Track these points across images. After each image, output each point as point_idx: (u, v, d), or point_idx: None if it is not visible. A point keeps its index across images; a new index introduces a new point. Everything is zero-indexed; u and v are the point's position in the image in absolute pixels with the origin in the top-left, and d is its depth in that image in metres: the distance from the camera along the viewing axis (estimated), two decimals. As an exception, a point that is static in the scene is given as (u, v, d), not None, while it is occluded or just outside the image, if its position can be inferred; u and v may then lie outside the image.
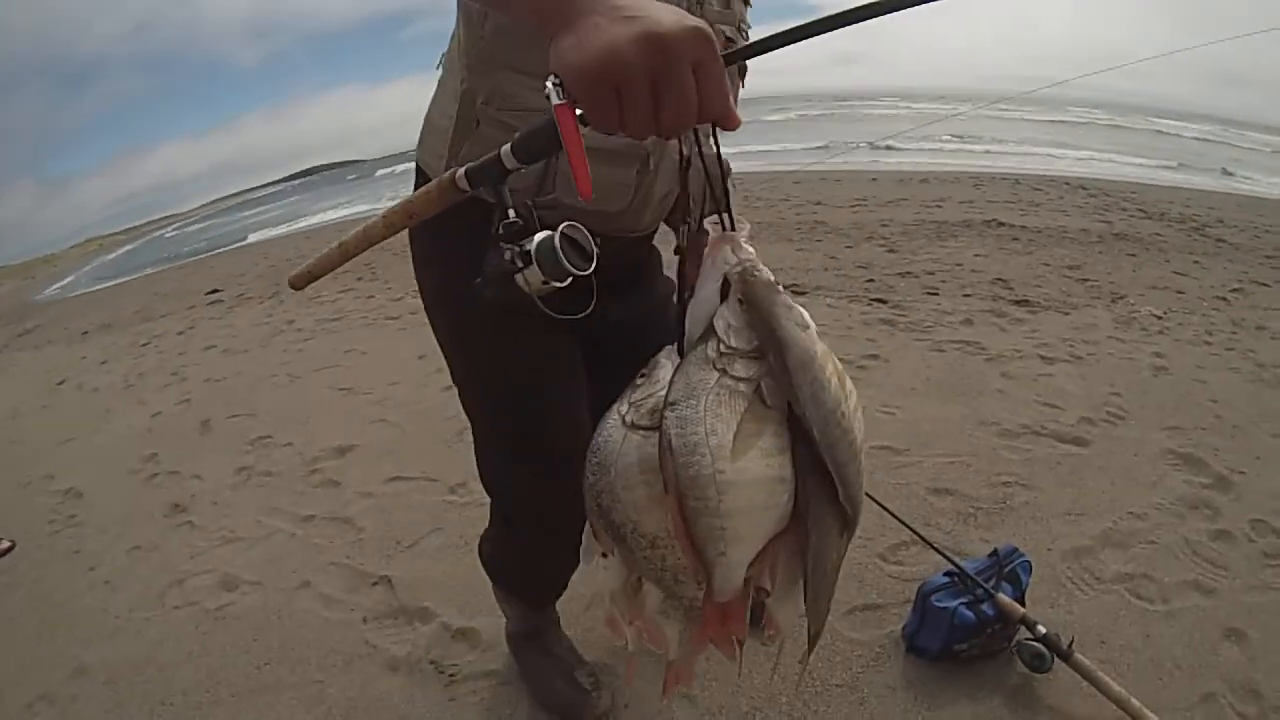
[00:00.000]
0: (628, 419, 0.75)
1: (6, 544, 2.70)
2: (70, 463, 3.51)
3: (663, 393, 0.71)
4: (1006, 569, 1.38)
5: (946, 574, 1.37)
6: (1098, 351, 2.78)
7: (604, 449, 0.75)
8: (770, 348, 0.67)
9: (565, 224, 0.71)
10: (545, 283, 0.71)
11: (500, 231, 0.69)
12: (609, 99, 0.49)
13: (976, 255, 4.09)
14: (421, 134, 0.99)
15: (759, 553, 0.71)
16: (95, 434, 3.91)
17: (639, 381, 0.77)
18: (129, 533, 2.65)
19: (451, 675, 1.66)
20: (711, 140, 0.74)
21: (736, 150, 10.67)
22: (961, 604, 1.30)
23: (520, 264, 0.70)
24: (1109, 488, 1.92)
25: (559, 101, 0.52)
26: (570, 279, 0.71)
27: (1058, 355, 2.73)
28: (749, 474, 0.67)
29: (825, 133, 14.44)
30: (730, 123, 0.54)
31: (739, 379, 0.68)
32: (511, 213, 0.69)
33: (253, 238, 14.91)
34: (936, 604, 1.32)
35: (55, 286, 18.24)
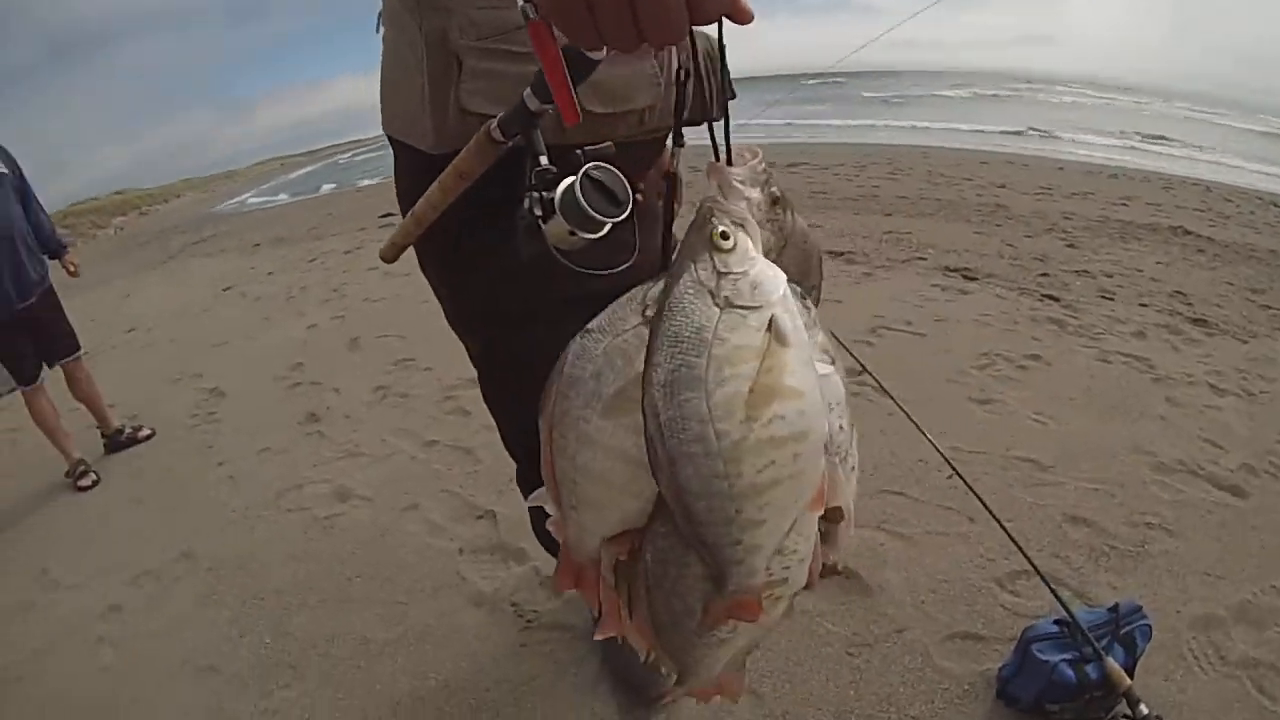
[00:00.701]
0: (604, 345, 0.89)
1: (147, 431, 4.11)
2: (221, 364, 5.01)
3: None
4: (1124, 630, 1.57)
5: (1057, 622, 1.63)
6: (1272, 390, 3.25)
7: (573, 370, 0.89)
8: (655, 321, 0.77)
9: (591, 165, 0.89)
10: (572, 233, 0.89)
11: (533, 180, 0.88)
12: (579, 12, 0.63)
13: (1158, 263, 5.03)
14: (383, 103, 1.23)
15: (616, 537, 0.90)
16: (250, 340, 5.47)
17: (611, 313, 0.91)
18: (262, 435, 3.79)
19: (529, 621, 2.20)
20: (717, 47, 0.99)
21: (922, 125, 13.90)
22: (1065, 660, 1.53)
23: (542, 214, 0.89)
24: (1259, 551, 2.22)
25: (533, 18, 0.68)
26: (603, 229, 0.89)
27: (1229, 387, 3.24)
28: (611, 440, 0.84)
29: (1009, 114, 18.62)
30: (742, 16, 0.66)
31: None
32: (544, 159, 0.88)
33: None
34: (1038, 654, 1.56)
35: (233, 201, 24.84)
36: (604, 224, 0.90)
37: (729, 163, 0.95)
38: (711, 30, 0.96)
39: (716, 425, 0.72)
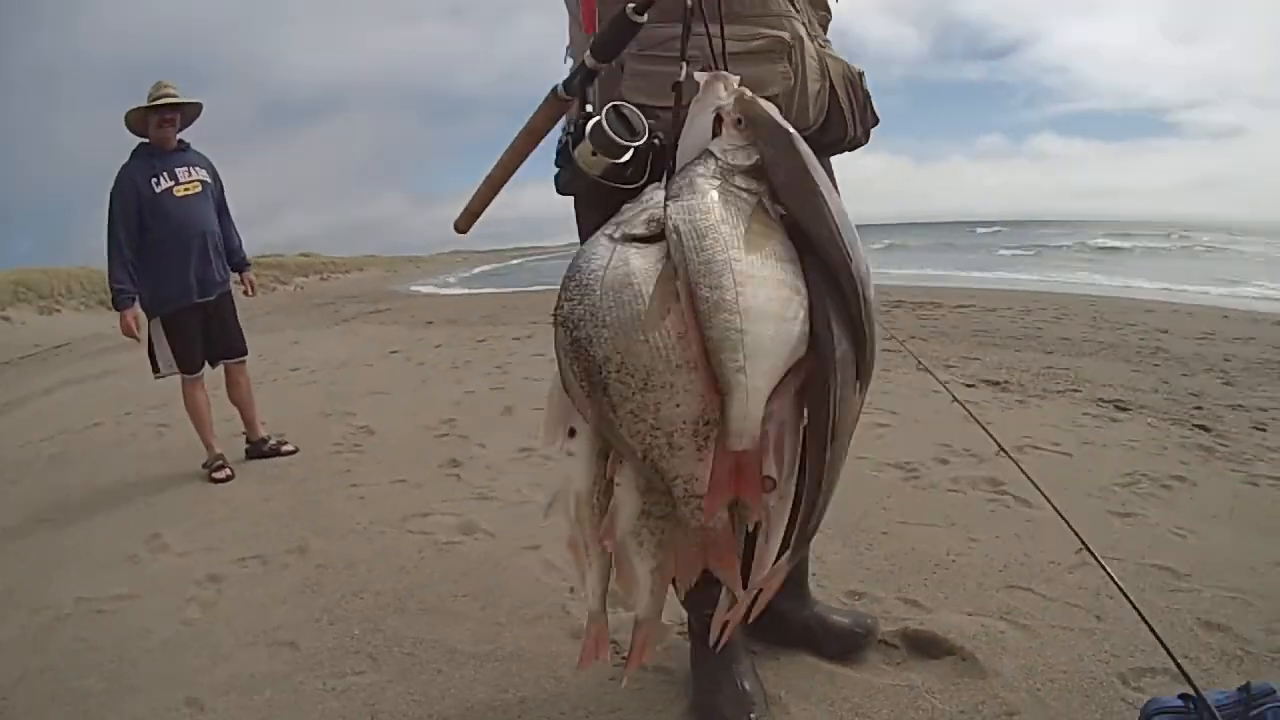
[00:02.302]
0: (616, 236, 1.09)
1: (290, 447, 4.49)
2: (374, 409, 5.40)
3: (657, 207, 1.10)
4: (1254, 712, 1.45)
5: (1182, 696, 1.56)
6: None
7: (585, 269, 1.06)
8: (771, 161, 1.11)
9: (614, 102, 1.25)
10: (594, 154, 1.21)
11: (578, 121, 1.24)
12: None
13: None
14: (567, 115, 1.48)
15: (775, 390, 1.02)
16: (407, 394, 5.89)
17: (625, 209, 1.14)
18: (400, 469, 4.03)
19: (624, 658, 2.16)
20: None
21: (1098, 281, 14.87)
22: None
23: (572, 140, 1.23)
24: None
25: None
26: (625, 154, 1.21)
27: None
28: (764, 272, 1.01)
29: (1173, 267, 20.01)
30: None
31: (742, 189, 1.09)
32: (589, 108, 1.25)
33: None
34: None
35: (414, 284, 27.75)
36: (623, 148, 1.20)
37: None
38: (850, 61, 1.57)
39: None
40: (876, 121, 1.71)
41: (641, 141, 1.21)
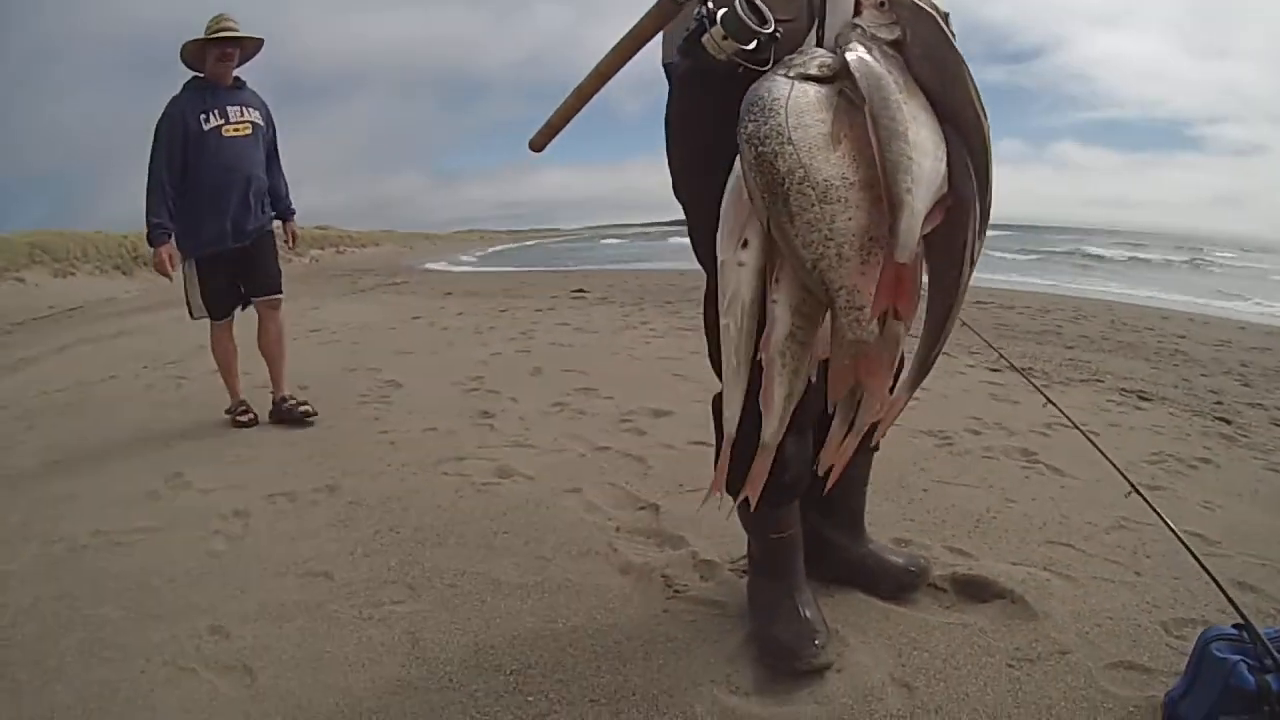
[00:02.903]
0: (791, 75, 1.25)
1: (312, 409, 4.08)
2: (400, 366, 5.28)
3: (827, 55, 1.27)
4: None
5: (1235, 626, 1.61)
6: None
7: (769, 96, 1.21)
8: (914, 35, 1.25)
9: None
10: (725, 38, 1.27)
11: (710, 10, 1.27)
12: None
13: None
14: (664, 43, 1.55)
15: (926, 218, 1.17)
16: (432, 354, 5.78)
17: (792, 58, 1.28)
18: (431, 418, 3.91)
19: (677, 591, 2.11)
20: None
21: (1112, 289, 14.99)
22: (1244, 661, 1.50)
23: (707, 23, 1.26)
24: None
25: None
26: (752, 40, 1.27)
27: None
28: (922, 115, 1.20)
29: (1192, 279, 20.70)
30: None
31: (890, 55, 1.24)
32: (710, 3, 1.29)
33: (630, 266, 20.64)
34: (1216, 653, 1.54)
35: (431, 259, 27.99)
36: (754, 33, 1.27)
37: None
38: None
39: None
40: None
41: (770, 29, 1.29)
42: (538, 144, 1.57)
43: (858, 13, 1.30)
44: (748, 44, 1.29)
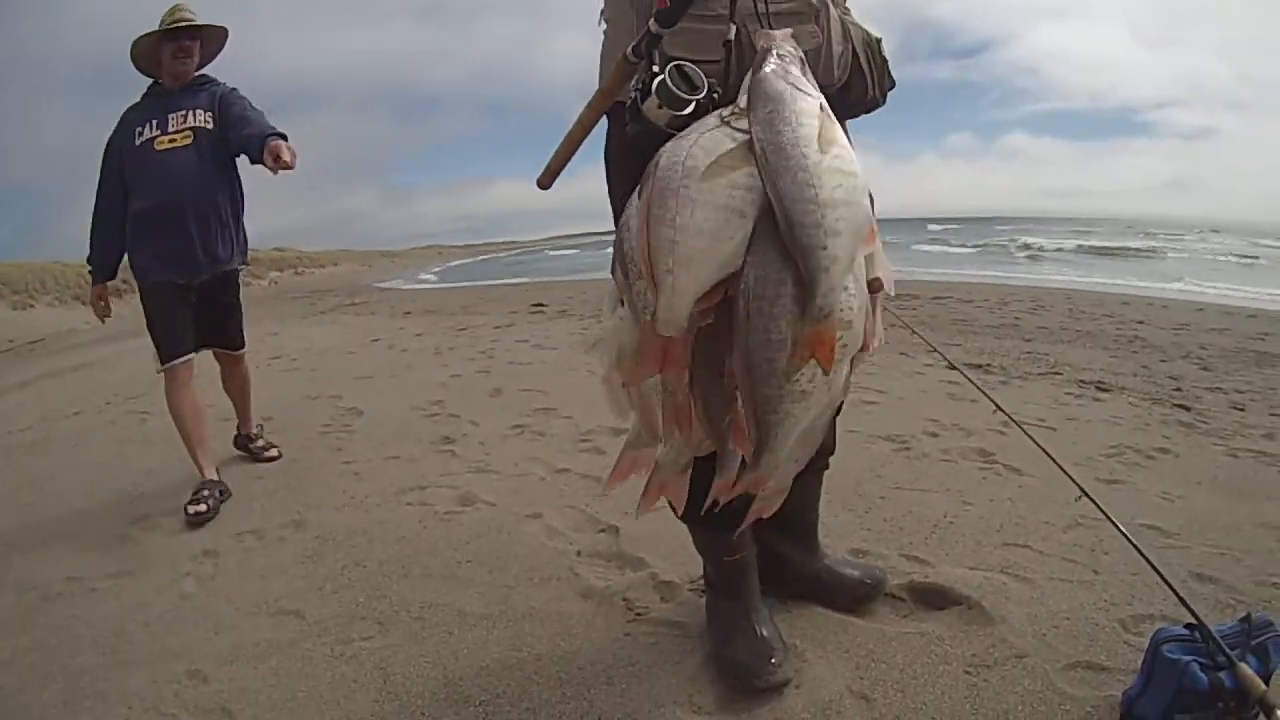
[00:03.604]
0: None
1: (274, 452, 3.95)
2: (361, 392, 5.32)
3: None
4: (1256, 641, 1.58)
5: (1187, 626, 1.66)
6: None
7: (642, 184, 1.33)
8: (751, 93, 1.29)
9: (677, 61, 1.37)
10: (660, 107, 1.35)
11: (644, 79, 1.37)
12: None
13: None
14: (601, 74, 1.64)
15: (707, 295, 1.25)
16: (393, 378, 5.82)
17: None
18: (393, 446, 3.97)
19: (638, 614, 2.19)
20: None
21: (1067, 277, 15.29)
22: (1196, 661, 1.57)
23: (640, 97, 1.36)
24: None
25: None
26: (687, 107, 1.34)
27: None
28: (710, 197, 1.22)
29: (1144, 265, 21.05)
30: None
31: (736, 129, 1.28)
32: (656, 68, 1.37)
33: (588, 276, 20.52)
34: (1168, 655, 1.60)
35: (390, 278, 27.89)
36: (685, 101, 1.34)
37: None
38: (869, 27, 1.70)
39: (802, 149, 1.21)
40: (893, 85, 1.79)
41: (701, 95, 1.36)
42: (544, 184, 1.66)
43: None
44: (683, 110, 1.35)
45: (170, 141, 3.32)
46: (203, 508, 3.18)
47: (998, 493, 2.91)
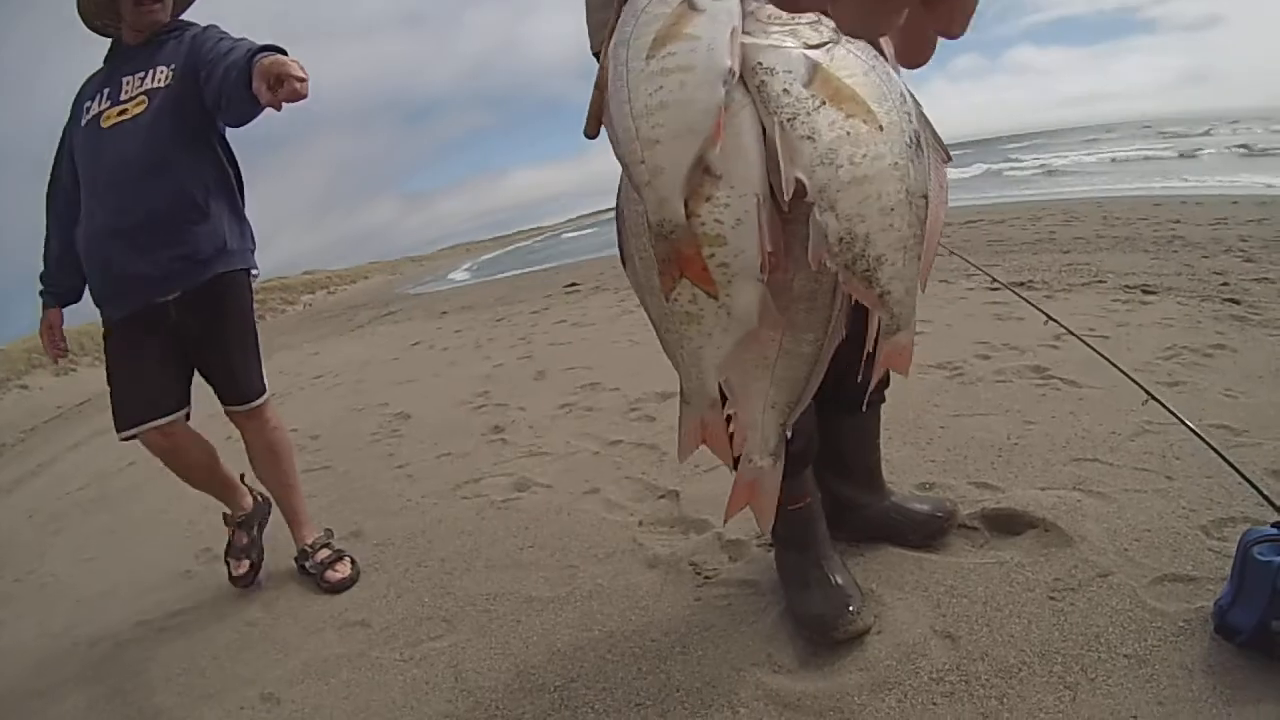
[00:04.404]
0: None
1: (348, 569, 2.65)
2: (406, 396, 5.31)
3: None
4: None
5: (1275, 525, 1.57)
6: None
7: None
8: None
9: None
10: None
11: None
12: None
13: None
14: (590, 30, 1.49)
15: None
16: (436, 377, 5.80)
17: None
18: (444, 444, 3.93)
19: (707, 577, 2.12)
20: None
21: (1095, 187, 15.19)
22: None
23: None
24: None
25: None
26: None
27: None
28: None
29: (1169, 165, 20.11)
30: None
31: None
32: None
33: (614, 250, 19.67)
34: (1260, 556, 1.52)
35: (421, 282, 28.12)
36: None
37: None
38: None
39: (630, 64, 0.98)
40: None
41: None
42: (591, 132, 1.32)
43: None
44: None
45: (120, 114, 2.37)
46: (244, 568, 2.76)
47: (1059, 408, 2.83)
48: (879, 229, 0.96)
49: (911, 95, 1.02)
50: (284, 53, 2.09)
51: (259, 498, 2.89)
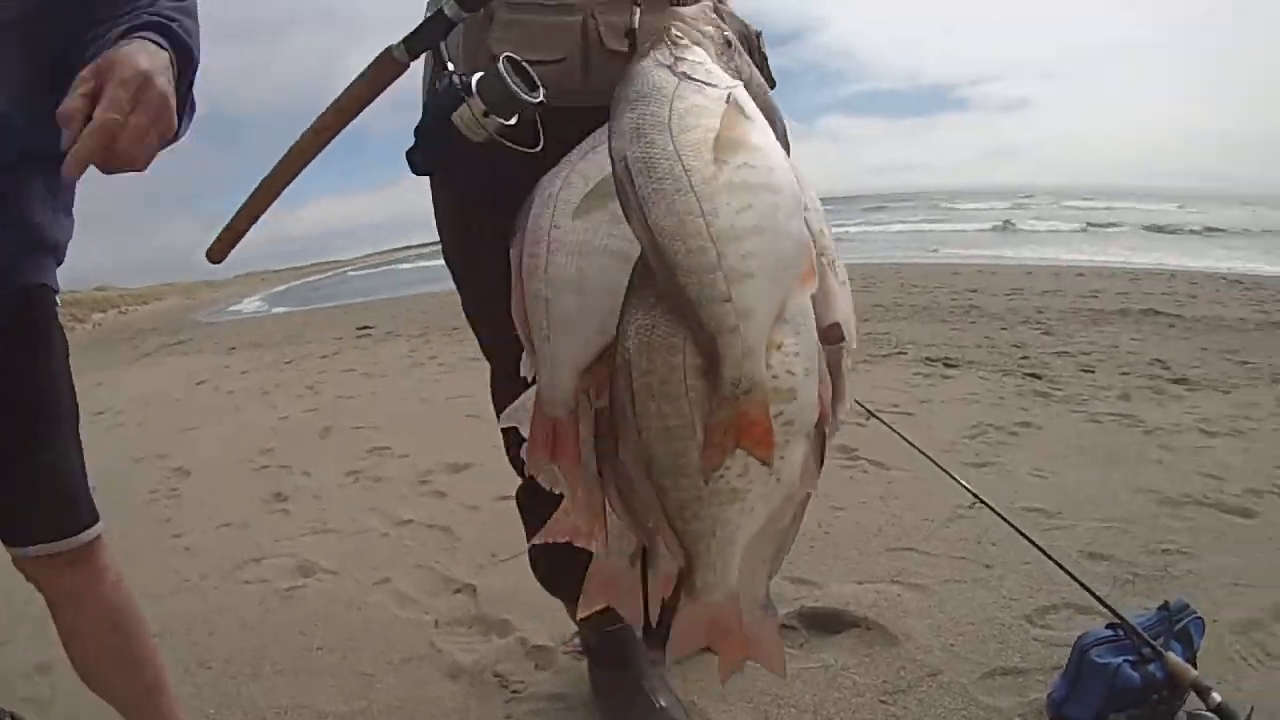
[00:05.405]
0: None
1: None
2: (187, 447, 4.80)
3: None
4: (1178, 626, 1.56)
5: (1110, 627, 1.60)
6: (1261, 428, 3.46)
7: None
8: (616, 96, 0.83)
9: (507, 54, 0.96)
10: (486, 114, 0.92)
11: (441, 85, 0.95)
12: None
13: (1133, 339, 5.42)
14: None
15: (591, 369, 0.89)
16: (219, 426, 5.30)
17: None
18: (223, 511, 3.55)
19: (515, 691, 1.97)
20: None
21: (887, 254, 15.21)
22: (1126, 661, 1.50)
23: (448, 102, 0.93)
24: (1280, 559, 2.26)
25: None
26: (515, 116, 0.94)
27: (1219, 429, 3.43)
28: (583, 236, 0.88)
29: (974, 234, 21.76)
30: None
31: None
32: (451, 66, 0.95)
33: (410, 291, 19.77)
34: (1096, 660, 1.52)
35: (213, 309, 26.00)
36: (524, 104, 0.93)
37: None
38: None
39: (685, 162, 0.74)
40: (773, 85, 1.42)
41: (538, 99, 0.96)
42: (215, 257, 1.09)
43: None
44: (510, 119, 0.94)
45: None
46: None
47: (867, 492, 2.79)
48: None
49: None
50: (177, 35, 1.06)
51: None
